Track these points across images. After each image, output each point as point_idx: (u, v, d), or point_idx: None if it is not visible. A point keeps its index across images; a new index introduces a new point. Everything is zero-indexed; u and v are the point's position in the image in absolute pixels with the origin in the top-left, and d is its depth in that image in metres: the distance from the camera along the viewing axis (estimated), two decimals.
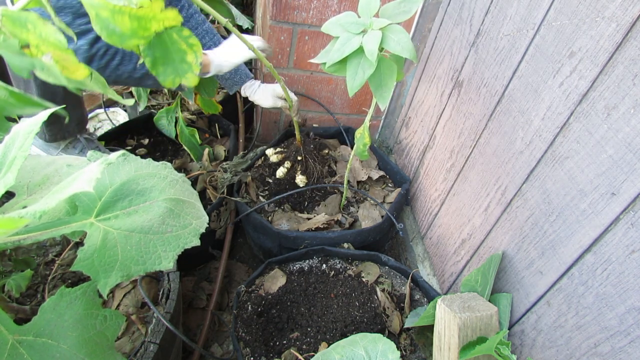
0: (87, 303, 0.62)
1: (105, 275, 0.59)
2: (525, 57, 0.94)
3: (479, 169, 1.09)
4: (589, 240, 0.74)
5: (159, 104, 1.67)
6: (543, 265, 0.85)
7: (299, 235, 1.24)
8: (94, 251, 0.59)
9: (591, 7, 0.76)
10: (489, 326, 0.88)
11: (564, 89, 0.82)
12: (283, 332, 1.09)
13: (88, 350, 0.58)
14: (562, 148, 0.82)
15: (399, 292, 1.21)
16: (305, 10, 1.37)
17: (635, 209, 0.66)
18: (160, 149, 1.60)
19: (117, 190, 0.64)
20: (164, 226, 0.63)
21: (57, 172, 0.71)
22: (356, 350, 0.73)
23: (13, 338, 0.56)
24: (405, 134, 1.60)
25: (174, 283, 0.94)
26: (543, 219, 0.85)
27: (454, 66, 1.25)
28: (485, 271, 0.97)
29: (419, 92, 1.49)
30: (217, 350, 1.24)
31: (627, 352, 0.67)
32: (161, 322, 0.85)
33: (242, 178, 1.41)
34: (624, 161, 0.68)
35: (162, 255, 0.61)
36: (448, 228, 1.24)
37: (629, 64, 0.68)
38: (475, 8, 1.15)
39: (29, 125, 0.55)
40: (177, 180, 0.71)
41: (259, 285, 1.17)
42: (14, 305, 0.81)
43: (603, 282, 0.71)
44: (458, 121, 1.21)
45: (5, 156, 0.53)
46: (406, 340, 1.10)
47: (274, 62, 1.50)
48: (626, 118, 0.68)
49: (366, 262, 1.27)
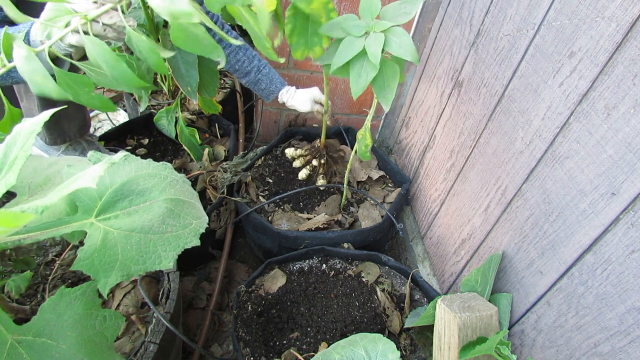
0: (87, 303, 0.62)
1: (105, 275, 0.59)
2: (525, 57, 0.94)
3: (479, 169, 1.09)
4: (589, 240, 0.74)
5: (159, 104, 1.66)
6: (543, 265, 0.85)
7: (299, 235, 1.24)
8: (94, 251, 0.59)
9: (591, 7, 0.76)
10: (489, 326, 0.88)
11: (564, 89, 0.82)
12: (283, 332, 1.09)
13: (87, 351, 0.58)
14: (562, 148, 0.82)
15: (399, 292, 1.21)
16: None
17: (635, 209, 0.66)
18: (160, 149, 1.60)
19: (118, 190, 0.64)
20: (164, 226, 0.63)
21: (59, 173, 0.71)
22: (356, 350, 0.73)
23: (12, 338, 0.56)
24: (405, 134, 1.60)
25: (174, 283, 0.94)
26: (543, 219, 0.86)
27: (454, 66, 1.25)
28: (485, 271, 0.97)
29: (419, 92, 1.49)
30: (217, 350, 1.24)
31: (627, 352, 0.67)
32: (161, 322, 0.85)
33: (242, 178, 1.41)
34: (624, 161, 0.68)
35: (162, 255, 0.61)
36: (448, 228, 1.24)
37: (629, 64, 0.68)
38: (475, 8, 1.15)
39: (31, 125, 0.55)
40: (177, 180, 0.71)
41: (259, 285, 1.17)
42: (14, 305, 0.81)
43: (603, 282, 0.71)
44: (458, 121, 1.21)
45: (7, 156, 0.53)
46: (406, 340, 1.10)
47: (273, 62, 1.50)
48: (626, 118, 0.69)
49: (366, 262, 1.27)
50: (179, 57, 1.35)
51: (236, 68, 1.26)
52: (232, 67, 1.26)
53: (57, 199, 0.45)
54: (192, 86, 1.35)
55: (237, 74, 1.28)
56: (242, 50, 1.24)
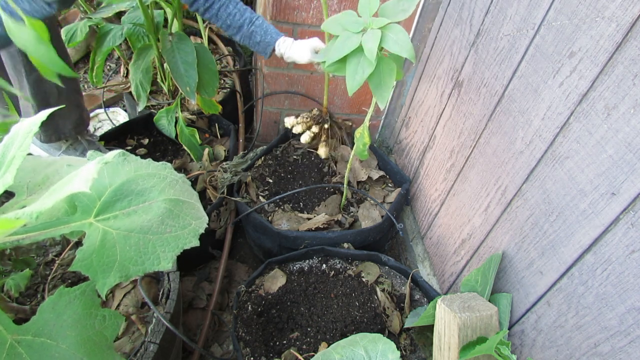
0: (86, 303, 0.62)
1: (104, 276, 0.59)
2: (525, 57, 0.94)
3: (479, 169, 1.09)
4: (589, 240, 0.74)
5: (159, 104, 1.66)
6: (543, 265, 0.85)
7: (299, 235, 1.24)
8: (92, 251, 0.59)
9: (591, 7, 0.76)
10: (489, 326, 0.88)
11: (564, 89, 0.82)
12: (283, 332, 1.09)
13: (87, 350, 0.58)
14: (562, 148, 0.82)
15: (399, 292, 1.21)
16: (305, 10, 1.37)
17: (635, 209, 0.66)
18: (160, 149, 1.60)
19: (117, 191, 0.64)
20: (163, 226, 0.63)
21: (58, 172, 0.71)
22: (356, 350, 0.73)
23: (12, 338, 0.56)
24: (405, 134, 1.60)
25: (174, 283, 0.94)
26: (543, 219, 0.85)
27: (454, 66, 1.25)
28: (485, 271, 0.97)
29: (419, 92, 1.49)
30: (217, 350, 1.24)
31: (627, 352, 0.67)
32: (161, 322, 0.85)
33: (242, 178, 1.41)
34: (624, 161, 0.68)
35: (161, 255, 0.61)
36: (448, 228, 1.24)
37: (629, 64, 0.68)
38: (475, 8, 1.14)
39: (29, 124, 0.55)
40: (176, 180, 0.71)
41: (259, 285, 1.17)
42: (14, 305, 0.81)
43: (603, 282, 0.71)
44: (458, 121, 1.21)
45: (5, 155, 0.53)
46: (406, 340, 1.10)
47: (274, 62, 1.49)
48: (626, 118, 0.68)
49: (366, 262, 1.27)
50: (179, 57, 1.35)
51: (228, 23, 1.19)
52: (224, 23, 1.20)
53: (52, 204, 0.45)
54: (191, 86, 1.34)
55: (230, 31, 1.22)
56: (233, 3, 1.18)
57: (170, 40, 1.35)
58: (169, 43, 1.35)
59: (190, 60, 1.34)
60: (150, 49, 1.46)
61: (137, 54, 1.44)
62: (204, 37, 1.78)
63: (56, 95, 1.26)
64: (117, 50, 1.89)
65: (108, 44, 1.47)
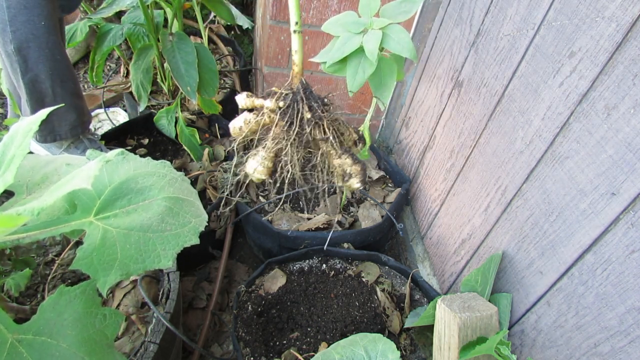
0: (87, 302, 0.62)
1: (105, 274, 0.59)
2: (525, 57, 0.94)
3: (479, 169, 1.09)
4: (589, 240, 0.74)
5: (159, 104, 1.67)
6: (543, 265, 0.85)
7: (299, 235, 1.24)
8: (93, 250, 0.59)
9: (591, 7, 0.76)
10: (489, 326, 0.88)
11: (564, 89, 0.82)
12: (283, 332, 1.09)
13: (87, 349, 0.58)
14: (562, 148, 0.82)
15: (399, 292, 1.21)
16: (305, 10, 1.37)
17: (635, 209, 0.66)
18: (160, 149, 1.60)
19: (116, 189, 0.64)
20: (163, 224, 0.63)
21: (57, 171, 0.71)
22: (356, 350, 0.73)
23: (12, 337, 0.56)
24: (405, 134, 1.60)
25: (174, 283, 0.94)
26: (543, 219, 0.85)
27: (454, 66, 1.25)
28: (485, 271, 0.97)
29: (419, 92, 1.49)
30: (217, 350, 1.23)
31: (627, 352, 0.67)
32: (161, 322, 0.85)
33: (242, 178, 1.41)
34: (624, 161, 0.68)
35: (162, 253, 0.61)
36: (448, 228, 1.24)
37: (629, 64, 0.68)
38: (475, 8, 1.15)
39: (28, 123, 0.55)
40: (176, 178, 0.71)
41: (259, 285, 1.17)
42: (14, 305, 0.81)
43: (603, 282, 0.71)
44: (458, 121, 1.21)
45: (4, 155, 0.53)
46: (406, 340, 1.10)
47: (274, 62, 1.49)
48: (626, 118, 0.68)
49: (366, 262, 1.27)
50: (179, 57, 1.35)
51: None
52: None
53: (53, 201, 0.45)
54: (191, 86, 1.35)
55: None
56: None
57: (170, 40, 1.35)
58: (169, 43, 1.35)
59: (191, 60, 1.34)
60: (151, 49, 1.46)
61: (138, 54, 1.44)
62: (204, 37, 1.78)
63: (52, 96, 1.26)
64: (117, 50, 1.90)
65: (108, 44, 1.47)
